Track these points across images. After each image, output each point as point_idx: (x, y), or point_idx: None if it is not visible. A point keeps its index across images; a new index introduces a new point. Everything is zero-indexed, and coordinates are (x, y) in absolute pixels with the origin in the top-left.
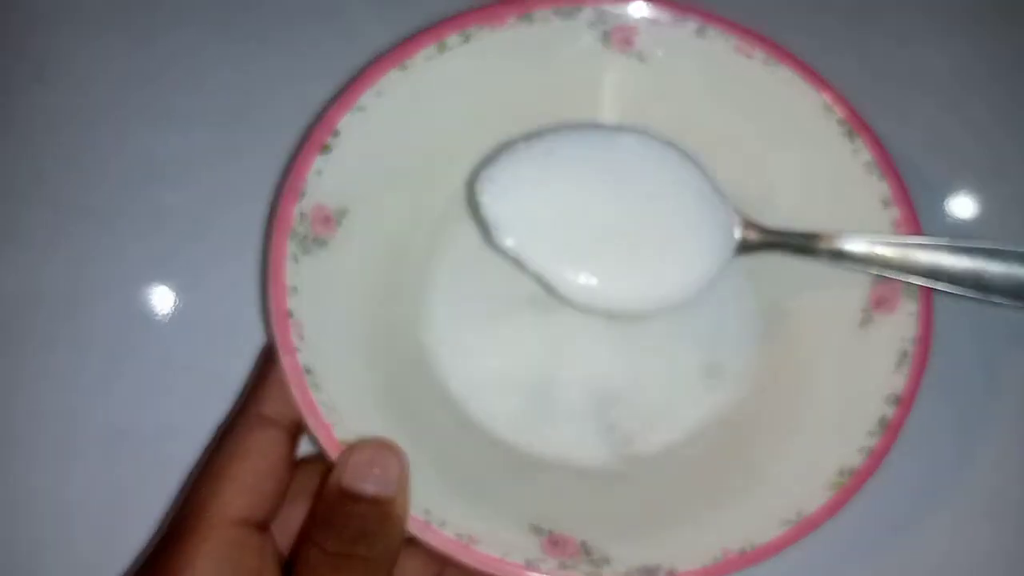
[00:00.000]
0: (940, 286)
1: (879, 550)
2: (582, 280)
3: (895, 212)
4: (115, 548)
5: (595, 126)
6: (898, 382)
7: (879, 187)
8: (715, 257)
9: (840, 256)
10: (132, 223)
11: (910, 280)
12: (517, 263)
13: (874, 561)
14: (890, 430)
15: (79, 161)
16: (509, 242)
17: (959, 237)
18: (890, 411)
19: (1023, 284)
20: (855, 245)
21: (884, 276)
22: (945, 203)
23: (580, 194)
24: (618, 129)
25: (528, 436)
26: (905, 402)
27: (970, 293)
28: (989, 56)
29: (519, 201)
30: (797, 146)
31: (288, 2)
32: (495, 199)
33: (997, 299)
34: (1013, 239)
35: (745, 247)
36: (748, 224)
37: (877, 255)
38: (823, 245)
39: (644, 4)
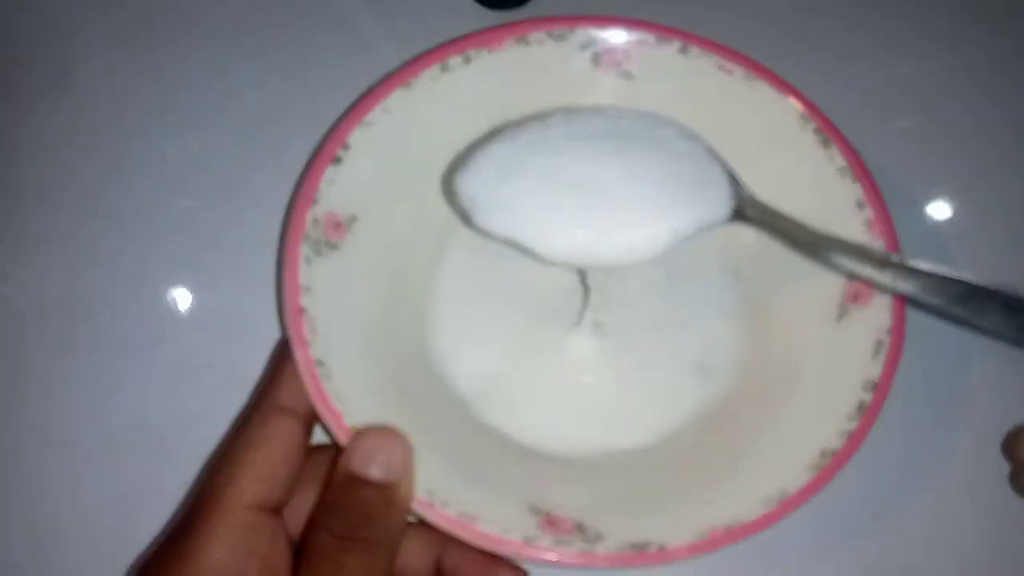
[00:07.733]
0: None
1: (858, 528)
2: (561, 241)
3: (868, 212)
4: (131, 542)
5: (596, 108)
6: (874, 370)
7: (853, 189)
8: (705, 212)
9: (821, 249)
10: (151, 226)
11: (883, 285)
12: (496, 237)
13: (853, 539)
14: (868, 414)
15: (96, 166)
16: (489, 226)
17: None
18: (867, 397)
19: (1000, 318)
20: (840, 247)
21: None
22: (923, 206)
23: (564, 160)
24: (620, 109)
25: (526, 431)
26: (881, 388)
27: (943, 308)
28: (967, 63)
29: (493, 178)
30: (775, 154)
31: (302, 19)
32: (468, 182)
33: (957, 312)
34: (993, 241)
35: (738, 215)
36: (745, 195)
37: (853, 255)
38: (811, 238)
39: (631, 27)
